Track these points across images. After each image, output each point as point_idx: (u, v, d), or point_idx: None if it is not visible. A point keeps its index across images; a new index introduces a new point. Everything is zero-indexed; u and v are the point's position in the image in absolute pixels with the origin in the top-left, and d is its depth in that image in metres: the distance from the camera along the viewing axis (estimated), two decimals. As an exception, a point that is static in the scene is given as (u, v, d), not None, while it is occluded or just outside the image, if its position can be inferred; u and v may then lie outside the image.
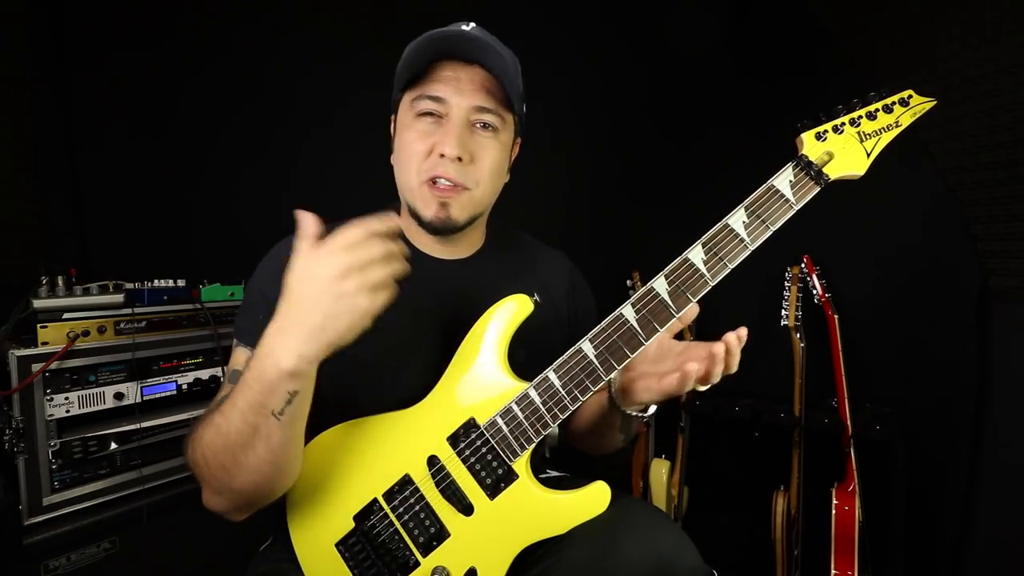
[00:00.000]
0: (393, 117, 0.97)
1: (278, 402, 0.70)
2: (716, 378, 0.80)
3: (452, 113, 0.87)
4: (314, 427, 0.92)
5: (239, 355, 0.90)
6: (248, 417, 0.70)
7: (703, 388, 0.81)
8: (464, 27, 0.89)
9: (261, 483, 0.76)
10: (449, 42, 0.86)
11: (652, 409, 0.90)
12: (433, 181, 0.88)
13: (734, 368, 0.80)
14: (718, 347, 0.79)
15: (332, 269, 0.66)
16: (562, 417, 0.81)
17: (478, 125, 0.90)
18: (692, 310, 0.81)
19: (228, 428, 0.71)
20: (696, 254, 0.81)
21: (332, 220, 0.73)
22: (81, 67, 1.74)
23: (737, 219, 0.81)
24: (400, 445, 0.85)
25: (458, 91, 0.87)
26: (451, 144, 0.85)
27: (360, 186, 1.40)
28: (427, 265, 0.98)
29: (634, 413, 0.89)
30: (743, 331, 0.80)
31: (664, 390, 0.82)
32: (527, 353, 0.89)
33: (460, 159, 0.86)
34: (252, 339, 0.85)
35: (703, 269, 0.80)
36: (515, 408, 0.82)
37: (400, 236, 0.97)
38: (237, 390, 0.72)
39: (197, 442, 0.76)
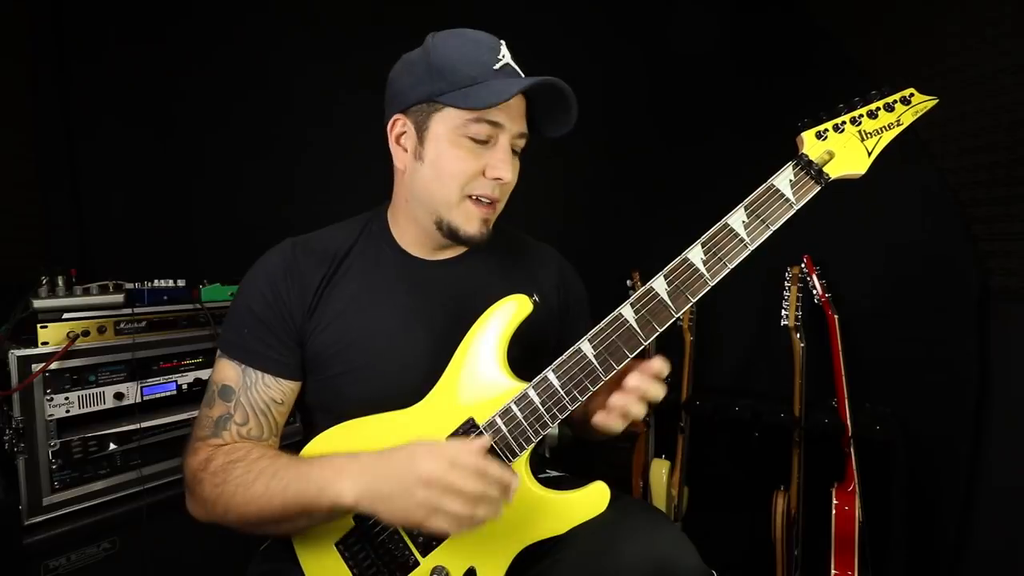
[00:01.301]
0: (407, 119, 0.90)
1: (318, 511, 0.76)
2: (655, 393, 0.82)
3: (501, 139, 0.88)
4: (314, 428, 0.92)
5: (227, 369, 0.88)
6: (290, 507, 0.76)
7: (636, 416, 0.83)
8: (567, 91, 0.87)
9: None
10: (545, 95, 0.87)
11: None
12: (475, 199, 0.89)
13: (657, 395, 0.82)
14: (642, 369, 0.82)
15: (418, 468, 0.70)
16: (561, 417, 0.81)
17: (514, 150, 0.91)
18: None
19: (266, 504, 0.77)
20: (695, 254, 0.80)
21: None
22: (81, 67, 1.74)
23: (737, 219, 0.81)
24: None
25: (510, 118, 0.88)
26: (507, 170, 0.87)
27: (359, 185, 1.40)
28: (418, 267, 0.98)
29: (602, 437, 0.90)
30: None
31: (597, 428, 0.84)
32: (520, 350, 0.89)
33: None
34: (240, 353, 0.88)
35: (702, 269, 0.80)
36: (514, 408, 0.82)
37: (390, 240, 0.98)
38: (294, 476, 0.77)
39: (218, 487, 0.79)
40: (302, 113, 2.01)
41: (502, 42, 0.88)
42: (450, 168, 0.87)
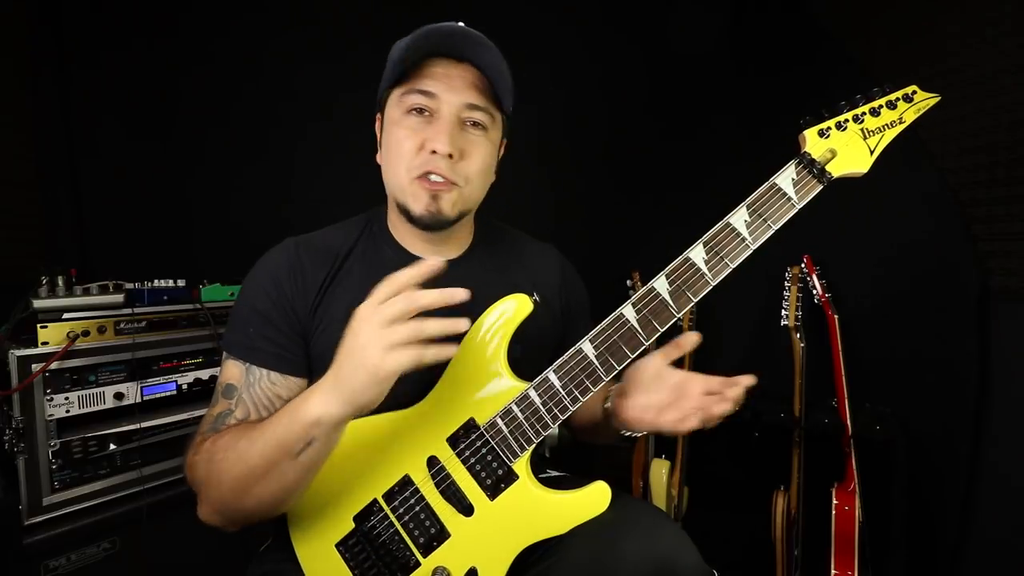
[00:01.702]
0: (379, 115, 0.95)
1: (297, 443, 0.72)
2: (717, 417, 0.82)
3: (443, 110, 0.87)
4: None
5: (232, 369, 0.88)
6: (268, 452, 0.73)
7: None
8: (455, 24, 0.87)
9: (266, 512, 0.79)
10: (441, 39, 0.85)
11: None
12: (423, 177, 0.87)
13: (733, 406, 0.83)
14: (715, 382, 0.83)
15: (355, 328, 0.69)
16: (562, 418, 0.81)
17: (469, 123, 0.89)
18: (691, 338, 0.83)
19: (250, 456, 0.74)
20: (697, 253, 0.80)
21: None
22: (81, 67, 1.73)
23: (739, 218, 0.80)
24: (399, 445, 0.85)
25: (450, 88, 0.86)
26: (443, 141, 0.85)
27: (358, 185, 1.40)
28: None
29: (627, 434, 0.91)
30: (750, 378, 0.84)
31: (660, 426, 0.84)
32: (522, 350, 0.89)
33: (451, 156, 0.86)
34: (244, 352, 0.87)
35: (704, 269, 0.80)
36: (515, 409, 0.82)
37: (390, 240, 0.98)
38: (268, 422, 0.75)
39: (209, 462, 0.78)
40: (302, 113, 2.01)
41: (458, 24, 0.87)
42: (395, 149, 0.88)
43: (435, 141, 0.85)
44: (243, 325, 0.89)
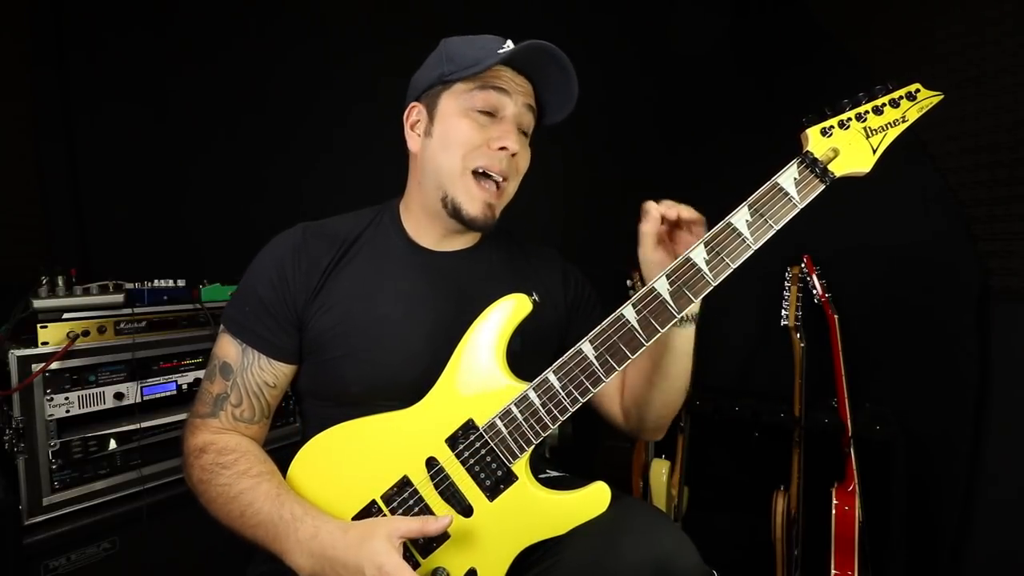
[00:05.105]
0: (421, 105, 0.97)
1: (266, 549, 0.81)
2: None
3: (509, 112, 0.92)
4: (314, 422, 0.93)
5: (229, 346, 0.91)
6: (259, 542, 0.81)
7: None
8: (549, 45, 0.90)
9: None
10: (528, 52, 0.89)
11: (695, 309, 0.89)
12: (477, 173, 0.91)
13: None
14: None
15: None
16: (562, 419, 0.80)
17: (521, 129, 0.95)
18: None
19: (239, 527, 0.82)
20: (698, 253, 0.80)
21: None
22: (81, 67, 1.74)
23: (740, 217, 0.80)
24: (398, 446, 0.85)
25: (516, 92, 0.93)
26: (513, 140, 0.91)
27: (360, 185, 1.40)
28: (425, 256, 0.99)
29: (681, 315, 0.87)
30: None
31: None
32: (525, 351, 0.90)
33: (514, 155, 0.92)
34: (242, 332, 0.91)
35: (705, 269, 0.79)
36: (514, 410, 0.82)
37: (400, 231, 0.99)
38: (266, 517, 0.80)
39: (204, 484, 0.85)
40: (302, 114, 2.01)
41: (508, 40, 0.93)
42: (456, 137, 0.91)
43: (504, 139, 0.90)
44: (243, 304, 0.92)
